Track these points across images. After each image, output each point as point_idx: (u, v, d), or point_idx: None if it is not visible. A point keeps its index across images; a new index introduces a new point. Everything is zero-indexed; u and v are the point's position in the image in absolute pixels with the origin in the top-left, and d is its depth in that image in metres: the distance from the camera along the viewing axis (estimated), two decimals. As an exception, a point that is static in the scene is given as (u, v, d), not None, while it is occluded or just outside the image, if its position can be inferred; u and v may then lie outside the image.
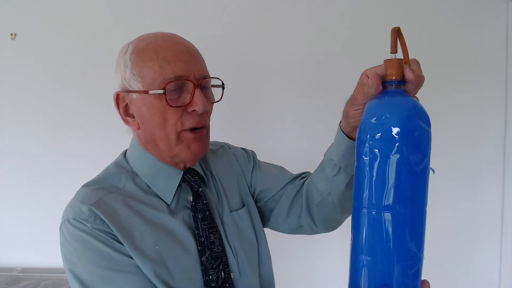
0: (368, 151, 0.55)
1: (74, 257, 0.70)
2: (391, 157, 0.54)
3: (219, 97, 0.79)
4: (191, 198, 0.80)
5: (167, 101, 0.71)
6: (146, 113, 0.74)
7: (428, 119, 0.55)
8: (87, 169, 0.92)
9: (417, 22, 1.55)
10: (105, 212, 0.71)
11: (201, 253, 0.76)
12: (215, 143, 0.97)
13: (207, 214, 0.80)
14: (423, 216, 0.57)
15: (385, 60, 0.58)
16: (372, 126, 0.56)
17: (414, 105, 0.56)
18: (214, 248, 0.78)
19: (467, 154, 1.60)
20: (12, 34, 1.56)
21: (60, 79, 1.57)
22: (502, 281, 1.62)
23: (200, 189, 0.81)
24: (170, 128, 0.74)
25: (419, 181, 0.55)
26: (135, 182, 0.79)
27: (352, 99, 0.67)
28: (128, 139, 0.87)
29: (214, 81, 0.78)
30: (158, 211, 0.77)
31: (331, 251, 1.58)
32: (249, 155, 0.97)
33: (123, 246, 0.70)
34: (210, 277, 0.76)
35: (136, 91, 0.74)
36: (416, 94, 0.61)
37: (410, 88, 0.59)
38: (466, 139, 1.60)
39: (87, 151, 1.57)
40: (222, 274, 0.77)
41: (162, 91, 0.71)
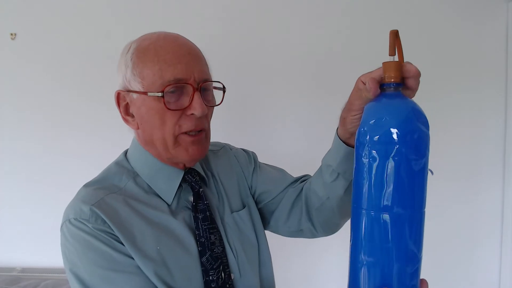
0: (367, 153, 0.56)
1: (75, 257, 0.70)
2: (390, 159, 0.54)
3: (220, 99, 0.79)
4: (191, 199, 0.80)
5: (165, 104, 0.71)
6: (145, 114, 0.74)
7: (426, 121, 0.56)
8: (87, 169, 0.92)
9: (417, 22, 1.55)
10: (106, 212, 0.71)
11: (201, 253, 0.76)
12: (216, 144, 0.97)
13: (208, 215, 0.79)
14: (422, 217, 0.57)
15: (383, 63, 0.58)
16: (371, 128, 0.56)
17: (413, 107, 0.56)
18: (215, 248, 0.78)
19: (467, 154, 1.60)
20: (12, 34, 1.56)
21: (60, 79, 1.57)
22: (502, 281, 1.62)
23: (200, 189, 0.81)
24: (168, 130, 0.73)
25: (418, 182, 0.56)
26: (136, 182, 0.79)
27: (348, 105, 0.67)
28: (128, 139, 0.87)
29: (215, 83, 0.78)
30: (159, 211, 0.77)
31: (331, 251, 1.58)
32: (250, 156, 0.97)
33: (124, 246, 0.70)
34: (211, 277, 0.75)
35: (136, 92, 0.73)
36: (416, 94, 0.61)
37: (411, 83, 0.59)
38: (466, 139, 1.60)
39: (87, 151, 1.57)
40: (223, 274, 0.77)
41: (160, 94, 0.70)
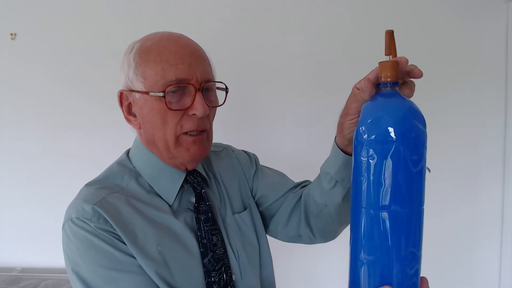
0: (366, 152, 0.56)
1: (77, 256, 0.70)
2: (388, 157, 0.54)
3: (223, 100, 0.79)
4: (193, 200, 0.80)
5: (166, 104, 0.71)
6: (147, 114, 0.74)
7: (423, 119, 0.56)
8: (87, 169, 0.92)
9: (417, 22, 1.55)
10: (108, 211, 0.71)
11: (203, 255, 0.76)
12: (218, 145, 0.97)
13: (210, 216, 0.79)
14: (420, 214, 0.57)
15: (379, 62, 0.59)
16: (369, 127, 0.56)
17: (410, 106, 0.56)
18: (216, 250, 0.78)
19: (467, 154, 1.60)
20: (12, 34, 1.56)
21: (60, 79, 1.57)
22: (502, 281, 1.62)
23: (203, 190, 0.81)
24: (170, 130, 0.73)
25: (416, 180, 0.56)
26: (138, 181, 0.79)
27: (345, 109, 0.67)
28: (128, 139, 0.87)
29: (218, 84, 0.78)
30: (161, 211, 0.76)
31: (331, 252, 1.57)
32: (251, 158, 0.97)
33: (126, 246, 0.70)
34: (212, 279, 0.75)
35: (138, 91, 0.74)
36: (416, 93, 0.61)
37: (416, 75, 0.60)
38: (466, 139, 1.60)
39: (87, 151, 1.57)
40: (224, 276, 0.77)
41: (162, 94, 0.71)
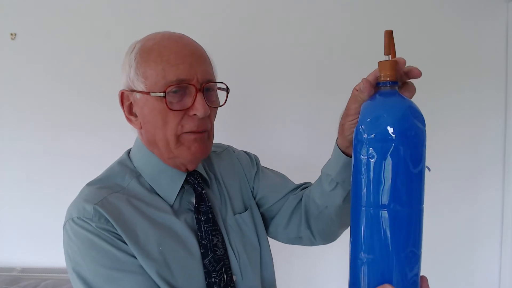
0: (365, 151, 0.56)
1: (78, 256, 0.70)
2: (388, 155, 0.54)
3: (224, 100, 0.79)
4: (194, 200, 0.80)
5: (167, 104, 0.71)
6: (148, 114, 0.74)
7: (422, 118, 0.57)
8: (87, 169, 0.92)
9: (417, 22, 1.54)
10: (109, 211, 0.71)
11: (204, 255, 0.76)
12: (219, 145, 0.97)
13: (210, 217, 0.79)
14: (420, 213, 0.58)
15: (379, 62, 0.59)
16: (369, 125, 0.57)
17: (409, 105, 0.57)
18: (217, 250, 0.78)
19: (467, 154, 1.60)
20: (12, 34, 1.56)
21: (60, 79, 1.57)
22: (502, 281, 1.62)
23: (203, 191, 0.81)
24: (170, 130, 0.73)
25: (416, 178, 0.56)
26: (139, 181, 0.79)
27: (346, 110, 0.67)
28: (128, 139, 0.87)
29: (219, 84, 0.78)
30: (162, 211, 0.76)
31: (331, 253, 1.57)
32: (252, 159, 0.97)
33: (127, 245, 0.70)
34: (213, 279, 0.75)
35: (139, 91, 0.74)
36: (416, 94, 0.62)
37: (414, 75, 0.60)
38: (466, 139, 1.60)
39: (87, 151, 1.57)
40: (225, 276, 0.77)
41: (162, 94, 0.71)
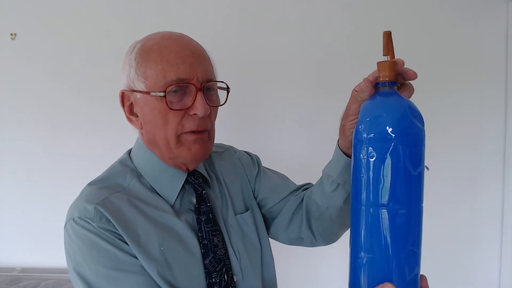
0: (365, 150, 0.56)
1: (79, 256, 0.70)
2: (387, 155, 0.55)
3: (224, 99, 0.79)
4: (194, 201, 0.80)
5: (167, 104, 0.71)
6: (148, 114, 0.74)
7: (421, 118, 0.57)
8: (87, 169, 0.92)
9: (417, 22, 1.55)
10: (110, 211, 0.71)
11: (204, 256, 0.76)
12: (221, 146, 0.97)
13: (211, 217, 0.79)
14: (420, 212, 0.58)
15: (378, 63, 0.60)
16: (368, 125, 0.57)
17: (408, 104, 0.57)
18: (217, 251, 0.78)
19: (467, 154, 1.60)
20: (12, 34, 1.56)
21: (60, 79, 1.57)
22: (502, 281, 1.62)
23: (203, 191, 0.81)
24: (171, 130, 0.73)
25: (415, 178, 0.56)
26: (140, 181, 0.79)
27: (346, 111, 0.68)
28: (127, 139, 0.87)
29: (219, 83, 0.78)
30: (163, 211, 0.76)
31: (332, 253, 1.56)
32: (253, 160, 0.97)
33: (128, 246, 0.70)
34: (213, 280, 0.75)
35: (139, 91, 0.74)
36: (417, 94, 0.62)
37: (410, 76, 0.60)
38: (466, 139, 1.60)
39: (87, 151, 1.57)
40: (225, 277, 0.77)
41: (162, 94, 0.71)
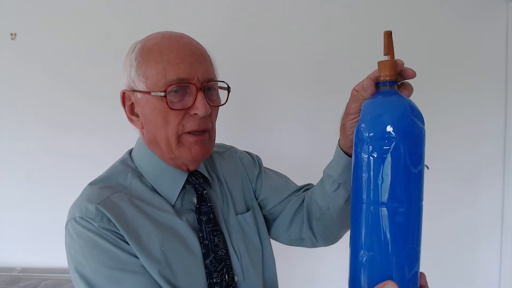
0: (366, 149, 0.57)
1: (80, 255, 0.69)
2: (388, 153, 0.55)
3: (224, 99, 0.79)
4: (195, 201, 0.80)
5: (167, 103, 0.71)
6: (149, 113, 0.74)
7: (422, 117, 0.57)
8: (87, 169, 0.92)
9: (417, 22, 1.55)
10: (112, 211, 0.71)
11: (205, 256, 0.76)
12: (222, 146, 0.97)
13: (212, 217, 0.79)
14: (419, 210, 0.58)
15: (378, 62, 0.60)
16: (369, 124, 0.57)
17: (409, 103, 0.57)
18: (218, 251, 0.78)
19: (467, 154, 1.60)
20: (12, 34, 1.56)
21: (60, 79, 1.57)
22: (502, 281, 1.62)
23: (204, 191, 0.81)
24: (171, 130, 0.73)
25: (415, 176, 0.57)
26: (141, 180, 0.79)
27: (346, 110, 0.68)
28: (128, 139, 0.87)
29: (220, 83, 0.78)
30: (164, 211, 0.76)
31: (332, 253, 1.56)
32: (254, 160, 0.97)
33: (129, 245, 0.70)
34: (214, 280, 0.75)
35: (140, 91, 0.74)
36: (417, 94, 0.62)
37: (409, 75, 0.60)
38: (466, 139, 1.60)
39: (87, 151, 1.57)
40: (226, 277, 0.77)
41: (163, 94, 0.71)
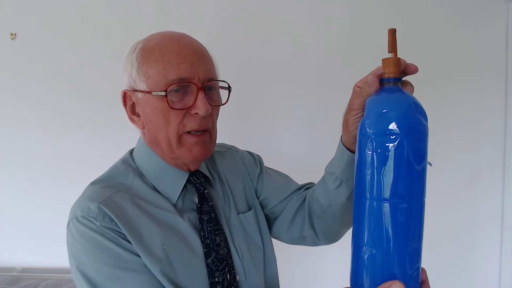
0: (370, 145, 0.57)
1: (82, 254, 0.70)
2: (392, 150, 0.55)
3: (225, 99, 0.79)
4: (196, 200, 0.80)
5: (168, 103, 0.71)
6: (150, 113, 0.75)
7: (425, 114, 0.58)
8: (87, 169, 0.92)
9: (417, 22, 1.55)
10: (113, 210, 0.71)
11: (206, 255, 0.76)
12: (223, 145, 0.97)
13: (213, 216, 0.79)
14: (422, 206, 0.58)
15: (383, 59, 0.60)
16: (373, 120, 0.57)
17: (413, 100, 0.58)
18: (220, 250, 0.78)
19: (467, 154, 1.60)
20: (12, 34, 1.56)
21: (60, 79, 1.57)
22: (502, 281, 1.62)
23: (205, 191, 0.81)
24: (172, 130, 0.73)
25: (418, 173, 0.57)
26: (143, 180, 0.79)
27: (349, 106, 0.68)
28: (128, 139, 0.87)
29: (221, 82, 0.78)
30: (166, 211, 0.77)
31: (333, 252, 1.56)
32: (255, 159, 0.97)
33: (131, 244, 0.70)
34: (216, 279, 0.75)
35: (141, 91, 0.74)
36: (417, 93, 0.62)
37: (412, 70, 0.61)
38: (466, 139, 1.60)
39: (87, 151, 1.57)
40: (228, 276, 0.77)
41: (163, 93, 0.71)
